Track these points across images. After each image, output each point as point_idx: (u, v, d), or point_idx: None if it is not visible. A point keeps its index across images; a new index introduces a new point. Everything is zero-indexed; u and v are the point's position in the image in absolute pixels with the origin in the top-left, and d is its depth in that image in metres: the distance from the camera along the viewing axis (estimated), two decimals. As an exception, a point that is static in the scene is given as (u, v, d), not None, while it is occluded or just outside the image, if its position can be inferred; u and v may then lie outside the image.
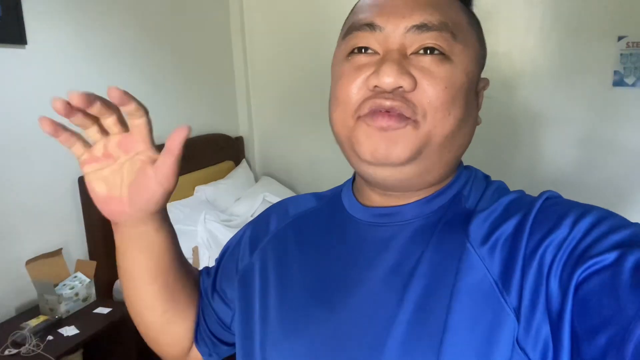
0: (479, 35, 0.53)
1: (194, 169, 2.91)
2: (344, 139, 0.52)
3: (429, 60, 0.47)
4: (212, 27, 3.19)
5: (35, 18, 1.98)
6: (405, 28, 0.47)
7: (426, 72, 0.47)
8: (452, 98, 0.47)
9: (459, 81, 0.48)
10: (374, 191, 0.55)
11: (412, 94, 0.47)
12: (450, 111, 0.48)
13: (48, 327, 1.81)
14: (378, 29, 0.48)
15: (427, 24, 0.47)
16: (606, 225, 0.43)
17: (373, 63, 0.48)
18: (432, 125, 0.47)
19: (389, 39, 0.48)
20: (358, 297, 0.51)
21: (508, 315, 0.44)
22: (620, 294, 0.37)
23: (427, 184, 0.53)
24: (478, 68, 0.52)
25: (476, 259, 0.47)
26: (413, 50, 0.48)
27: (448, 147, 0.50)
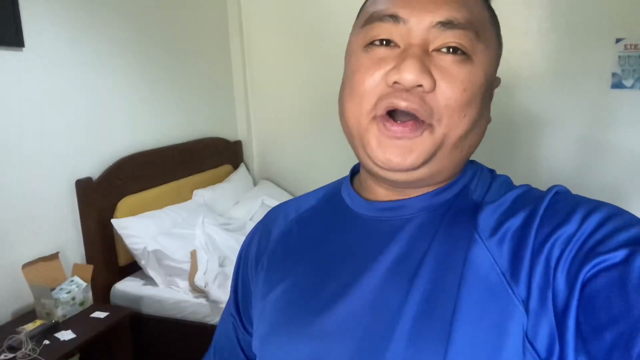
0: (498, 33, 0.52)
1: (192, 173, 2.91)
2: (355, 134, 0.51)
3: (451, 60, 0.46)
4: (210, 30, 3.19)
5: (32, 21, 1.97)
6: (431, 23, 0.46)
7: (446, 73, 0.46)
8: (469, 100, 0.47)
9: (478, 82, 0.47)
10: (380, 186, 0.55)
11: (430, 95, 0.46)
12: (465, 113, 0.47)
13: (44, 331, 1.79)
14: (402, 21, 0.47)
15: (453, 21, 0.46)
16: (615, 222, 0.42)
17: (393, 57, 0.47)
18: (447, 128, 0.47)
19: (411, 33, 0.47)
20: (364, 289, 0.51)
21: (517, 307, 0.43)
22: (629, 292, 0.37)
23: (437, 183, 0.53)
24: (495, 68, 0.51)
25: (484, 250, 0.47)
26: (435, 46, 0.46)
27: (460, 147, 0.49)
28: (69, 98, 2.16)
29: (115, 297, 2.29)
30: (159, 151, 2.66)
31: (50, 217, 2.08)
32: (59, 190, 2.12)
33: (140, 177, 2.50)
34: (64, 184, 2.14)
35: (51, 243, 2.08)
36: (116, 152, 2.40)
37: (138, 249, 2.24)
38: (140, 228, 2.28)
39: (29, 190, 1.99)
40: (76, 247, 2.21)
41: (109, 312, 1.98)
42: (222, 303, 2.08)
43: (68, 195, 2.16)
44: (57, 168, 2.11)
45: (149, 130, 2.65)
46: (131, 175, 2.43)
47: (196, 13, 3.03)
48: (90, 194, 2.20)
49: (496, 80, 0.54)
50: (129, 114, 2.51)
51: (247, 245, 0.67)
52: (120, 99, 2.45)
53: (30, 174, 2.00)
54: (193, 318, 2.16)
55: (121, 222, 2.26)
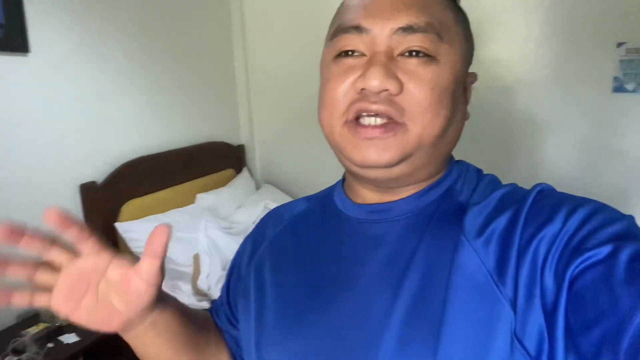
0: (466, 31, 0.53)
1: (195, 177, 2.92)
2: (331, 140, 0.53)
3: (415, 62, 0.48)
4: (214, 36, 3.21)
5: (38, 26, 1.99)
6: (392, 30, 0.48)
7: (412, 75, 0.47)
8: (439, 98, 0.48)
9: (445, 81, 0.48)
10: (366, 188, 0.56)
11: (399, 97, 0.47)
12: (438, 112, 0.48)
13: (48, 334, 1.80)
14: (364, 31, 0.49)
15: (412, 26, 0.47)
16: (599, 218, 0.43)
17: (360, 66, 0.49)
18: (422, 128, 0.48)
19: (375, 41, 0.48)
20: (354, 293, 0.52)
21: (504, 307, 0.44)
22: (615, 288, 0.38)
23: (419, 180, 0.54)
24: (465, 64, 0.53)
25: (471, 251, 0.47)
26: (399, 52, 0.48)
27: (438, 145, 0.50)
28: (74, 103, 2.18)
29: (118, 300, 2.30)
30: (162, 155, 2.67)
31: (54, 220, 2.09)
32: (63, 194, 2.14)
33: (144, 181, 2.51)
34: (69, 187, 2.16)
35: (55, 247, 2.09)
36: (120, 156, 2.42)
37: (141, 253, 2.24)
38: (144, 232, 2.29)
39: (34, 193, 2.01)
40: (80, 250, 2.22)
41: (113, 316, 1.99)
42: (225, 306, 2.08)
43: (72, 199, 2.17)
44: (62, 172, 2.13)
45: (152, 135, 2.67)
46: (135, 179, 2.45)
47: (200, 18, 3.05)
48: (94, 198, 2.21)
49: (470, 76, 0.55)
50: (133, 119, 2.52)
51: (242, 248, 0.69)
52: (124, 103, 2.46)
53: (35, 178, 2.01)
54: (196, 321, 2.17)
55: (125, 226, 2.27)
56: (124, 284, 0.49)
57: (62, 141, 2.12)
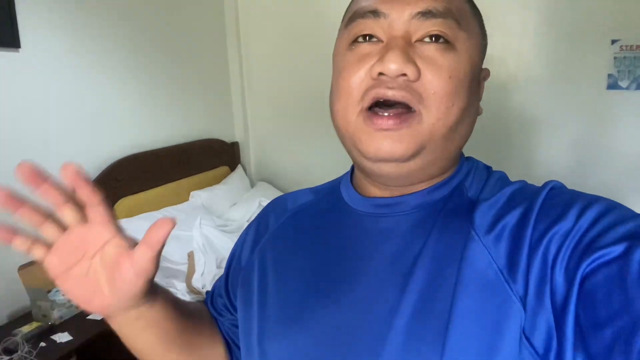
0: (481, 25, 0.53)
1: (189, 174, 2.91)
2: (345, 133, 0.51)
3: (434, 48, 0.47)
4: (207, 31, 3.19)
5: (29, 22, 1.97)
6: (410, 15, 0.47)
7: (430, 62, 0.46)
8: (456, 88, 0.47)
9: (462, 70, 0.47)
10: (373, 185, 0.55)
11: (416, 84, 0.46)
12: (454, 102, 0.47)
13: (41, 333, 1.79)
14: (382, 15, 0.47)
15: (432, 10, 0.46)
16: (612, 216, 0.42)
17: (377, 52, 0.47)
18: (436, 118, 0.47)
19: (393, 26, 0.47)
20: (359, 287, 0.51)
21: (514, 304, 0.43)
22: (629, 287, 0.37)
23: (430, 177, 0.53)
24: (480, 58, 0.52)
25: (481, 247, 0.47)
26: (418, 37, 0.47)
27: (451, 138, 0.49)
28: (66, 99, 2.16)
29: (112, 299, 2.28)
30: (156, 152, 2.65)
31: (46, 218, 2.07)
32: (55, 192, 2.11)
33: (138, 178, 2.49)
34: (61, 185, 2.13)
35: (47, 245, 2.07)
36: (113, 154, 2.39)
37: (135, 251, 2.23)
38: (137, 230, 2.24)
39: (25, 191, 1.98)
40: (73, 248, 2.20)
41: (106, 314, 1.97)
42: (219, 305, 2.07)
43: (64, 196, 2.15)
44: (53, 170, 2.09)
45: (146, 132, 2.64)
46: (128, 177, 2.42)
47: (193, 14, 3.03)
48: (87, 196, 2.19)
49: (483, 72, 0.54)
50: (126, 116, 2.50)
51: (244, 236, 0.67)
52: (117, 100, 2.44)
53: (26, 176, 1.98)
54: (190, 320, 2.16)
55: (118, 224, 2.25)
56: (116, 265, 0.48)
57: (54, 138, 2.10)
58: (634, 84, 2.64)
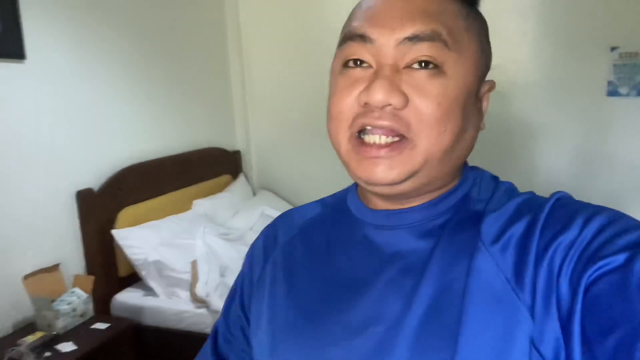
0: (481, 39, 0.52)
1: (192, 183, 2.91)
2: (338, 153, 0.52)
3: (422, 75, 0.46)
4: (209, 40, 3.22)
5: (34, 33, 1.99)
6: (397, 40, 0.47)
7: (418, 89, 0.46)
8: (446, 113, 0.47)
9: (453, 95, 0.47)
10: (377, 197, 0.55)
11: (404, 112, 0.46)
12: (445, 127, 0.47)
13: (45, 343, 1.79)
14: (369, 41, 0.48)
15: (418, 35, 0.46)
16: (616, 226, 0.43)
17: (366, 78, 0.48)
18: (429, 144, 0.47)
19: (381, 52, 0.47)
20: (367, 299, 0.51)
21: (523, 314, 0.43)
22: (630, 295, 0.37)
23: (429, 191, 0.53)
24: (478, 74, 0.51)
25: (488, 257, 0.47)
26: (406, 63, 0.47)
27: (447, 160, 0.49)
28: (70, 109, 2.17)
29: (115, 308, 2.28)
30: (158, 162, 2.67)
31: (50, 228, 2.08)
32: (59, 202, 2.12)
33: (141, 187, 2.50)
34: (65, 195, 2.15)
35: (52, 254, 2.07)
36: (116, 163, 2.41)
37: (139, 260, 2.24)
38: (141, 239, 2.28)
39: (30, 201, 1.99)
40: (77, 258, 2.20)
41: (110, 324, 1.98)
42: (223, 313, 2.07)
43: (69, 206, 2.16)
44: (58, 179, 2.11)
45: (149, 141, 2.66)
46: (131, 186, 2.44)
47: (195, 24, 3.05)
48: (91, 205, 2.20)
49: (486, 85, 0.54)
50: (129, 125, 2.52)
51: (251, 253, 0.68)
52: (120, 110, 2.46)
53: (31, 185, 2.00)
54: (194, 328, 2.16)
55: (121, 233, 2.26)
56: None
57: (58, 148, 2.11)
58: (634, 90, 2.66)
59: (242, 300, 0.67)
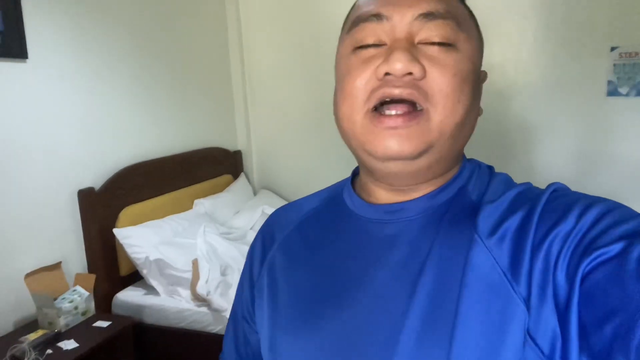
0: (477, 28, 0.54)
1: (193, 183, 2.92)
2: (351, 135, 0.51)
3: (437, 49, 0.48)
4: (210, 40, 3.23)
5: (36, 33, 2.00)
6: (413, 16, 0.48)
7: (435, 61, 0.47)
8: (460, 85, 0.48)
9: (466, 69, 0.49)
10: (379, 187, 0.55)
11: (422, 82, 0.47)
12: (459, 99, 0.48)
13: (47, 341, 1.79)
14: (385, 18, 0.49)
15: (433, 12, 0.48)
16: (613, 216, 0.43)
17: (381, 54, 0.48)
18: (444, 115, 0.47)
19: (396, 29, 0.49)
20: (368, 294, 0.51)
21: (518, 306, 0.44)
22: (626, 283, 0.37)
23: (435, 175, 0.53)
24: (479, 59, 0.53)
25: (484, 250, 0.47)
26: (420, 39, 0.48)
27: (457, 136, 0.50)
28: (72, 109, 2.18)
29: (116, 306, 2.29)
30: (160, 161, 2.68)
31: (52, 227, 2.09)
32: (61, 200, 2.13)
33: (142, 187, 2.51)
34: (67, 194, 2.16)
35: (53, 253, 2.08)
36: (118, 163, 2.42)
37: (140, 259, 2.25)
38: (142, 237, 2.29)
39: (32, 200, 2.01)
40: (78, 256, 2.21)
41: (112, 322, 1.98)
42: (224, 312, 2.08)
43: (70, 205, 2.17)
44: (60, 178, 2.13)
45: (150, 141, 2.67)
46: (133, 185, 2.45)
47: (196, 25, 3.07)
48: (92, 204, 2.21)
49: (482, 74, 0.55)
50: (130, 125, 2.53)
51: (251, 252, 0.68)
52: (122, 109, 2.47)
53: (33, 184, 2.01)
54: (195, 327, 2.17)
55: (123, 232, 2.27)
56: None
57: (60, 147, 2.12)
58: (634, 90, 2.66)
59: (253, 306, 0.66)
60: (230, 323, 0.70)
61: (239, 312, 0.68)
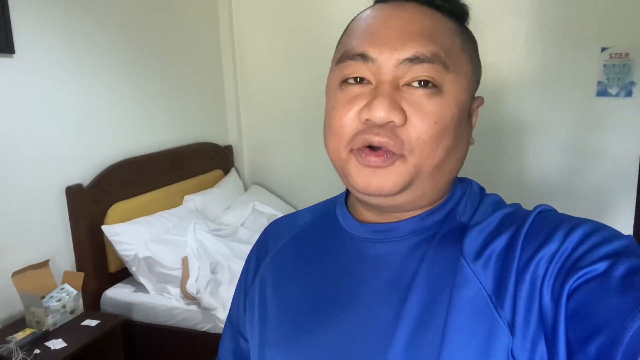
0: (472, 56, 0.53)
1: (183, 179, 2.90)
2: (337, 166, 0.53)
3: (421, 94, 0.48)
4: (202, 36, 3.19)
5: (23, 27, 1.96)
6: (397, 60, 0.48)
7: (416, 107, 0.47)
8: (440, 132, 0.48)
9: (449, 114, 0.48)
10: (367, 210, 0.56)
11: (402, 129, 0.47)
12: (438, 144, 0.48)
13: (35, 340, 1.78)
14: (370, 60, 0.48)
15: (419, 57, 0.47)
16: (597, 237, 0.44)
17: (366, 94, 0.49)
18: (421, 159, 0.48)
19: (381, 71, 0.48)
20: (355, 313, 0.52)
21: (502, 330, 0.44)
22: (610, 301, 0.38)
23: (421, 206, 0.54)
24: (470, 93, 0.52)
25: (470, 273, 0.48)
26: (405, 81, 0.48)
27: (438, 174, 0.50)
28: (59, 104, 2.15)
29: (105, 304, 2.28)
30: (149, 157, 2.65)
31: (40, 224, 2.07)
32: (49, 197, 2.11)
33: (131, 183, 2.49)
34: (54, 190, 2.13)
35: (41, 250, 2.06)
36: (106, 159, 2.39)
37: (129, 256, 2.23)
38: (131, 234, 2.27)
39: (19, 197, 1.98)
40: (66, 254, 2.19)
41: (100, 320, 1.97)
42: (213, 310, 2.08)
43: (58, 202, 2.14)
44: (47, 175, 2.10)
45: (139, 136, 2.64)
46: (122, 182, 2.42)
47: (187, 18, 3.03)
48: (81, 201, 2.19)
49: (476, 101, 0.55)
50: (119, 120, 2.50)
51: (247, 262, 0.68)
52: (110, 105, 2.44)
53: (20, 181, 1.98)
54: (185, 325, 2.16)
55: (112, 229, 2.25)
56: None
57: (47, 143, 2.09)
58: (623, 91, 2.69)
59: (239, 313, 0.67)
60: (226, 328, 0.71)
61: (234, 318, 0.69)
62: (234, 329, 0.69)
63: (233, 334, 0.69)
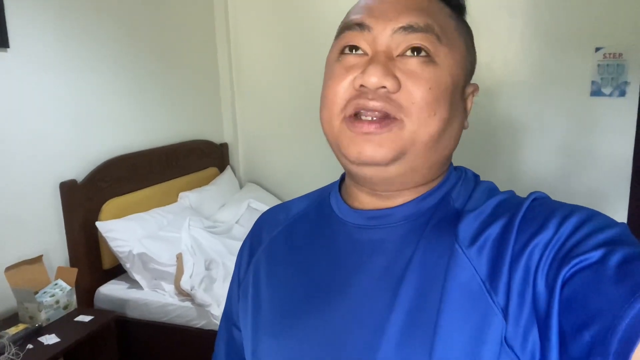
0: (467, 41, 0.54)
1: (178, 175, 2.90)
2: (331, 138, 0.53)
3: (414, 62, 0.49)
4: (197, 32, 3.19)
5: (17, 21, 1.95)
6: (392, 30, 0.49)
7: (411, 74, 0.48)
8: (436, 98, 0.49)
9: (443, 83, 0.49)
10: (362, 191, 0.56)
11: (397, 95, 0.48)
12: (435, 111, 0.49)
13: (28, 335, 1.77)
14: (367, 29, 0.50)
15: (413, 26, 0.49)
16: (592, 225, 0.44)
17: (361, 64, 0.50)
18: (417, 125, 0.48)
19: (377, 40, 0.50)
20: (350, 300, 0.52)
21: (496, 315, 0.45)
22: (605, 290, 0.38)
23: (415, 183, 0.54)
24: (465, 72, 0.53)
25: (464, 259, 0.48)
26: (399, 51, 0.49)
27: (433, 147, 0.50)
28: (54, 99, 2.14)
29: (99, 300, 2.27)
30: (144, 153, 2.65)
31: (34, 219, 2.06)
32: (43, 193, 2.10)
33: (126, 179, 2.48)
34: (49, 186, 2.12)
35: (35, 246, 2.05)
36: (101, 154, 2.38)
37: (123, 252, 2.23)
38: (126, 231, 2.27)
39: (13, 192, 1.97)
40: (60, 250, 2.19)
41: (94, 316, 1.97)
42: (207, 306, 2.08)
43: (52, 197, 2.14)
44: (42, 170, 2.09)
45: (134, 132, 2.64)
46: (116, 178, 2.42)
47: (183, 15, 3.02)
48: (75, 197, 2.18)
49: (471, 87, 0.56)
50: (114, 116, 2.49)
51: (240, 252, 0.68)
52: (105, 100, 2.43)
53: (14, 176, 1.97)
54: (179, 321, 2.16)
55: (106, 225, 2.24)
56: None
57: (41, 138, 2.09)
58: (617, 91, 2.70)
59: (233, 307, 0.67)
60: (222, 324, 0.71)
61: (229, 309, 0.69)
62: (228, 320, 0.69)
63: (227, 325, 0.69)
